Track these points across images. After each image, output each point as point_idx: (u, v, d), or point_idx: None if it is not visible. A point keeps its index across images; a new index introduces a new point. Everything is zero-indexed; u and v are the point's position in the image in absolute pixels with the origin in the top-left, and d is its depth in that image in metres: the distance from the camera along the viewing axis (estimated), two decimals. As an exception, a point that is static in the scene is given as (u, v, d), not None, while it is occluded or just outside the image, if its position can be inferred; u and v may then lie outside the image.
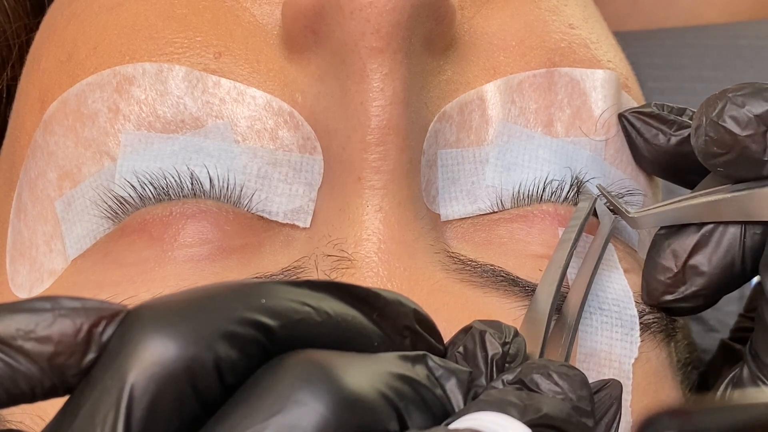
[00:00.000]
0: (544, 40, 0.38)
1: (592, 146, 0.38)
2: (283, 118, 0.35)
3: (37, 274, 0.37)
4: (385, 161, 0.34)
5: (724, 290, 0.36)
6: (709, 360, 0.43)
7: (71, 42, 0.38)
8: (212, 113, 0.35)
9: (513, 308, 0.34)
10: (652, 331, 0.36)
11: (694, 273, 0.36)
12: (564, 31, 0.38)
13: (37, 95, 0.38)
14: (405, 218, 0.34)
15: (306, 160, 0.35)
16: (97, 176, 0.36)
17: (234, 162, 0.35)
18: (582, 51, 0.38)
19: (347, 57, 0.34)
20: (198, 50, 0.36)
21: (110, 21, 0.37)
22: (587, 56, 0.38)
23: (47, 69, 0.38)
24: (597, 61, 0.39)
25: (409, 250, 0.34)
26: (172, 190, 0.35)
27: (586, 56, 0.38)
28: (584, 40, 0.39)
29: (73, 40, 0.38)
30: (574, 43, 0.38)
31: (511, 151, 0.37)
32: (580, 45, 0.39)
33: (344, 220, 0.34)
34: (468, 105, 0.36)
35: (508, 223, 0.36)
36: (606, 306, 0.35)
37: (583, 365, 0.34)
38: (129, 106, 0.35)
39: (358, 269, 0.34)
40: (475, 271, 0.35)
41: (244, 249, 0.34)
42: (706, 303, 0.37)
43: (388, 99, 0.34)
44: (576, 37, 0.39)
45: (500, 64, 0.37)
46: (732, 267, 0.35)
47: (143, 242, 0.35)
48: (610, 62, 0.39)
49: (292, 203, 0.35)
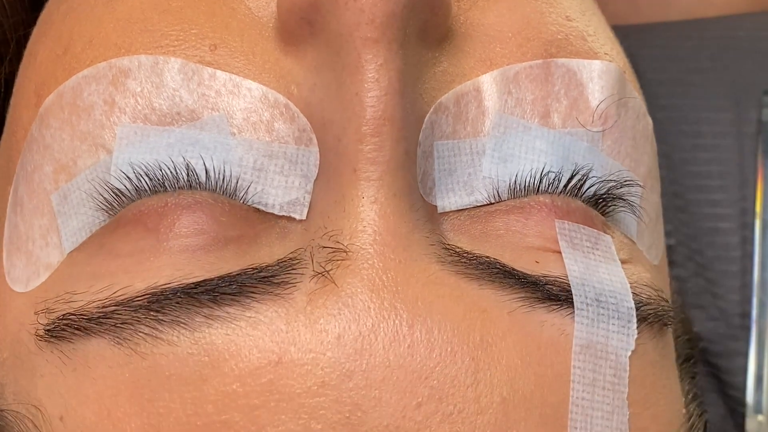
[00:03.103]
0: (540, 31, 0.38)
1: (589, 137, 0.37)
2: (278, 110, 0.35)
3: (33, 268, 0.37)
4: (381, 152, 0.34)
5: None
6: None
7: (67, 36, 0.38)
8: (208, 105, 0.35)
9: (508, 300, 0.34)
10: (649, 323, 0.36)
11: None
12: (561, 23, 0.38)
13: (34, 89, 0.38)
14: (400, 210, 0.34)
15: (302, 153, 0.35)
16: (92, 169, 0.36)
17: (230, 154, 0.35)
18: (579, 43, 0.38)
19: (342, 48, 0.34)
20: (193, 42, 0.36)
21: (105, 14, 0.37)
22: (584, 48, 0.38)
23: (43, 63, 0.38)
24: (594, 53, 0.39)
25: (405, 241, 0.34)
26: (168, 182, 0.35)
27: (583, 48, 0.38)
28: (581, 32, 0.39)
29: (69, 34, 0.38)
30: (571, 35, 0.38)
31: (508, 143, 0.37)
32: (577, 37, 0.39)
33: (340, 211, 0.34)
34: (464, 96, 0.36)
35: (505, 215, 0.36)
36: (603, 298, 0.35)
37: (579, 357, 0.34)
38: (125, 98, 0.36)
39: (354, 261, 0.34)
40: (470, 263, 0.35)
41: (239, 240, 0.34)
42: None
43: (384, 89, 0.34)
44: (573, 29, 0.39)
45: (496, 56, 0.37)
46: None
47: (138, 233, 0.35)
48: (606, 54, 0.39)
49: (288, 195, 0.35)
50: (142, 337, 0.33)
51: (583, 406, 0.34)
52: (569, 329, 0.34)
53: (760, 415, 0.53)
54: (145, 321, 0.33)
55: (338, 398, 0.32)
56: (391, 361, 0.32)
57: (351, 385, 0.32)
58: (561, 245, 0.36)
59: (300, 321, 0.33)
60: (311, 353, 0.32)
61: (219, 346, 0.33)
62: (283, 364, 0.32)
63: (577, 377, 0.34)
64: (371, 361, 0.32)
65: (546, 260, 0.35)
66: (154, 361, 0.33)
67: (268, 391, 0.32)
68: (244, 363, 0.32)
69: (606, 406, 0.34)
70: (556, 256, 0.36)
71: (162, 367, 0.33)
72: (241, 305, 0.33)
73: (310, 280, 0.33)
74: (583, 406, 0.34)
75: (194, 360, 0.33)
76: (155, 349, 0.33)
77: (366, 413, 0.32)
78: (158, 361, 0.33)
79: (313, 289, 0.33)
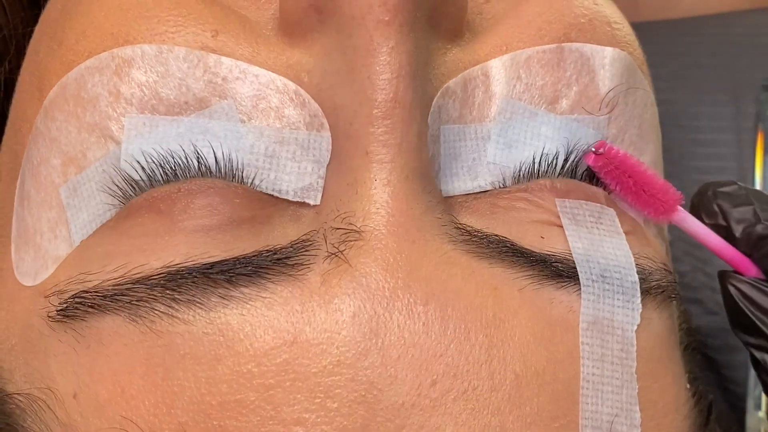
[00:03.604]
0: (564, 14, 0.38)
1: (595, 124, 0.38)
2: (288, 96, 0.35)
3: (41, 261, 0.37)
4: (393, 135, 0.34)
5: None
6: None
7: (61, 29, 0.38)
8: (216, 93, 0.35)
9: (518, 278, 0.35)
10: (653, 294, 0.37)
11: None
12: (587, 6, 0.39)
13: (36, 83, 0.38)
14: (413, 191, 0.35)
15: (314, 138, 0.35)
16: (103, 161, 0.36)
17: (241, 142, 0.35)
18: (602, 28, 0.39)
19: (354, 31, 0.34)
20: (193, 28, 0.36)
21: (95, 3, 0.37)
22: (607, 35, 0.39)
23: (43, 58, 0.38)
24: (617, 41, 0.39)
25: (418, 222, 0.34)
26: (180, 171, 0.35)
27: (606, 34, 0.39)
28: (607, 18, 0.39)
29: (62, 27, 0.38)
30: (596, 20, 0.39)
31: (513, 129, 0.37)
32: (602, 22, 0.39)
33: (352, 194, 0.35)
34: (472, 81, 0.37)
35: (508, 194, 0.36)
36: (608, 273, 0.35)
37: (587, 333, 0.35)
38: (130, 89, 0.36)
39: (367, 242, 0.34)
40: (481, 242, 0.35)
41: (253, 220, 0.35)
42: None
43: (395, 72, 0.34)
44: (599, 14, 0.39)
45: (513, 40, 0.38)
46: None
47: (151, 216, 0.35)
48: (628, 45, 0.39)
49: (302, 181, 0.35)
50: (158, 315, 0.33)
51: (593, 381, 0.34)
52: (577, 306, 0.35)
53: (760, 411, 0.53)
54: (161, 299, 0.33)
55: (354, 377, 0.32)
56: (406, 339, 0.33)
57: (366, 364, 0.32)
58: (563, 222, 0.36)
59: (315, 301, 0.33)
60: (326, 333, 0.33)
61: (234, 326, 0.33)
62: (299, 344, 0.32)
63: (587, 353, 0.34)
64: (386, 339, 0.33)
65: (551, 234, 0.36)
66: (170, 339, 0.33)
67: (283, 371, 0.32)
68: (259, 343, 0.33)
69: (615, 380, 0.35)
70: (560, 230, 0.36)
71: (177, 345, 0.33)
72: (256, 286, 0.33)
73: (323, 261, 0.34)
74: (594, 382, 0.34)
75: (209, 339, 0.33)
76: (171, 328, 0.33)
77: (382, 391, 0.32)
78: (173, 339, 0.33)
79: (327, 269, 0.33)
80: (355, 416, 0.32)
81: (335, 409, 0.32)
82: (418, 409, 0.32)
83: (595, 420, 0.34)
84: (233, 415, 0.32)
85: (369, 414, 0.32)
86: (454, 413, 0.32)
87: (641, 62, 0.40)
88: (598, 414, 0.34)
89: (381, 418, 0.32)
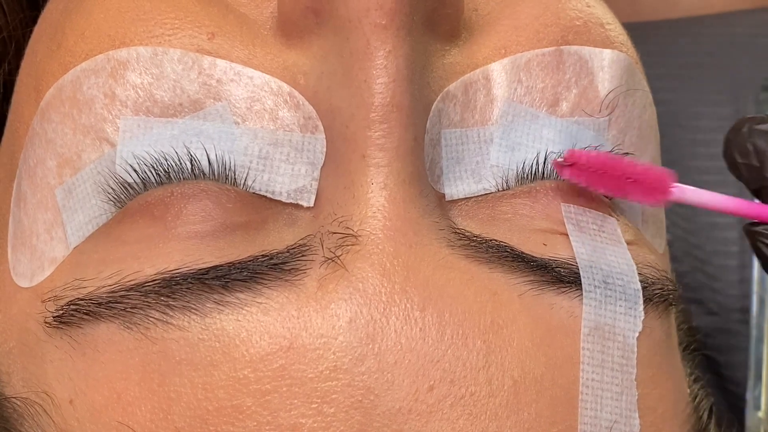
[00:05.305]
0: (559, 17, 0.38)
1: (595, 126, 0.38)
2: (282, 98, 0.35)
3: (38, 263, 0.37)
4: (389, 138, 0.34)
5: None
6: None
7: (60, 30, 0.38)
8: (210, 95, 0.35)
9: (518, 283, 0.34)
10: (655, 303, 0.37)
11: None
12: (581, 8, 0.39)
13: (33, 85, 0.38)
14: (410, 195, 0.34)
15: (308, 140, 0.35)
16: (98, 163, 0.36)
17: (234, 144, 0.35)
18: (597, 30, 0.39)
19: (351, 34, 0.34)
20: (189, 30, 0.36)
21: (96, 5, 0.37)
22: (602, 36, 0.39)
23: (42, 59, 0.38)
24: (611, 42, 0.39)
25: (415, 226, 0.34)
26: (173, 173, 0.35)
27: (601, 36, 0.39)
28: (600, 19, 0.39)
29: (62, 29, 0.38)
30: (590, 21, 0.39)
31: (516, 131, 0.37)
32: (596, 24, 0.39)
33: (349, 198, 0.34)
34: (473, 84, 0.37)
35: (511, 200, 0.36)
36: (610, 280, 0.35)
37: (588, 339, 0.34)
38: (125, 91, 0.35)
39: (364, 246, 0.34)
40: (480, 246, 0.35)
41: (247, 226, 0.35)
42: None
43: (392, 76, 0.34)
44: (592, 16, 0.39)
45: (512, 43, 0.37)
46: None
47: (145, 221, 0.35)
48: (622, 45, 0.39)
49: (295, 183, 0.35)
50: (152, 322, 0.33)
51: (593, 387, 0.34)
52: (578, 311, 0.35)
53: (760, 411, 0.53)
54: (155, 306, 0.33)
55: (350, 382, 0.32)
56: (403, 344, 0.32)
57: (363, 369, 0.32)
58: (568, 228, 0.36)
59: (311, 306, 0.33)
60: (323, 338, 0.32)
61: (230, 332, 0.33)
62: (295, 349, 0.32)
63: (587, 359, 0.34)
64: (383, 344, 0.32)
65: (554, 242, 0.36)
66: (165, 345, 0.33)
67: (279, 377, 0.32)
68: (255, 349, 0.33)
69: (615, 387, 0.35)
70: (563, 238, 0.36)
71: (172, 351, 0.33)
72: (251, 291, 0.33)
73: (320, 266, 0.34)
74: (593, 388, 0.34)
75: (205, 345, 0.33)
76: (166, 334, 0.33)
77: (378, 397, 0.32)
78: (169, 345, 0.33)
79: (324, 274, 0.33)
80: (352, 422, 0.32)
81: (332, 415, 0.32)
82: (415, 415, 0.32)
83: (594, 426, 0.34)
84: (230, 420, 0.32)
85: (366, 419, 0.32)
86: (451, 419, 0.32)
87: (635, 62, 0.40)
88: (597, 420, 0.34)
89: (378, 424, 0.32)
